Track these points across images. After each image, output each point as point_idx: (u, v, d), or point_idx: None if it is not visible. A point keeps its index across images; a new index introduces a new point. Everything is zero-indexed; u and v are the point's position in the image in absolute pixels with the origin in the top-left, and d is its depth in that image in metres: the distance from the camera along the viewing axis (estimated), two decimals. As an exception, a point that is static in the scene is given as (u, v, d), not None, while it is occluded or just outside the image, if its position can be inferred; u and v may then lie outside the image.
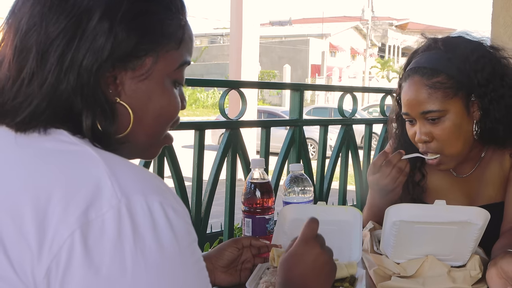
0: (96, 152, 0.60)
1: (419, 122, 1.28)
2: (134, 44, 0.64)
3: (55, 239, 0.52)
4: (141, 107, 0.67)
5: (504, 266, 1.00)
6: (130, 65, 0.64)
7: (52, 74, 0.61)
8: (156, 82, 0.67)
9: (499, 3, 2.70)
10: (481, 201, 1.35)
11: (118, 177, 0.57)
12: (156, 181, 0.60)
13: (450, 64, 1.24)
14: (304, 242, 0.85)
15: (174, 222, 0.57)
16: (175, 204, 0.59)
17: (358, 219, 1.24)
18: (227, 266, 1.11)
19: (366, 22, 36.82)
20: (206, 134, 2.17)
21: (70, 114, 0.62)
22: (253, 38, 7.98)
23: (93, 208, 0.54)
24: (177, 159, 2.08)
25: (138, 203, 0.55)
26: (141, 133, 0.69)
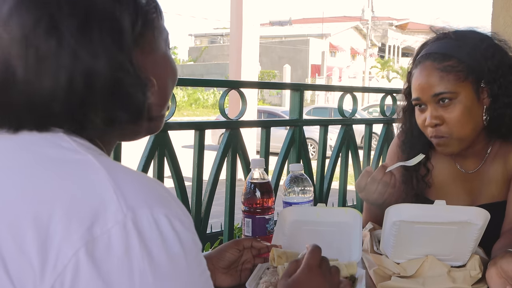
0: (99, 161, 0.58)
1: (430, 106, 1.29)
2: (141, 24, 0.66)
3: (59, 258, 0.51)
4: (153, 76, 0.69)
5: (504, 265, 1.00)
6: (140, 44, 0.66)
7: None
8: (159, 52, 0.71)
9: (499, 3, 2.70)
10: (483, 200, 1.35)
11: (122, 190, 0.55)
12: (161, 190, 0.59)
13: (461, 50, 1.27)
14: (308, 269, 0.84)
15: (181, 234, 0.56)
16: (181, 214, 0.58)
17: (358, 221, 1.24)
18: (227, 267, 1.11)
19: (366, 22, 36.82)
20: (206, 134, 2.17)
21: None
22: (253, 38, 7.98)
23: (98, 224, 0.52)
24: (177, 159, 2.08)
25: (144, 217, 0.54)
26: (154, 102, 0.70)
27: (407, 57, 42.17)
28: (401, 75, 32.47)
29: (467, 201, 1.37)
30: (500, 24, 2.64)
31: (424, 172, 1.42)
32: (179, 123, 2.27)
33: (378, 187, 1.29)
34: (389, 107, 2.96)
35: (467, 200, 1.38)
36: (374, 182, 1.29)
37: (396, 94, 3.00)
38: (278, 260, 1.07)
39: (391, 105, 3.00)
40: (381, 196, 1.30)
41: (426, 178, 1.41)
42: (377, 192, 1.30)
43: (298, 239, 1.24)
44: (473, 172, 1.38)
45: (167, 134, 2.02)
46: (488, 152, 1.36)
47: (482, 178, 1.37)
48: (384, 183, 1.29)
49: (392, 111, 2.99)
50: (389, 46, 41.86)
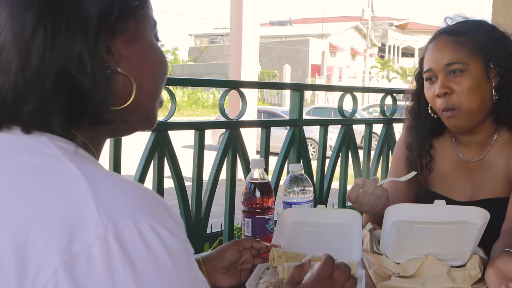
0: (80, 170, 0.54)
1: (441, 76, 1.32)
2: (118, 9, 0.62)
3: (38, 279, 0.48)
4: (140, 70, 0.65)
5: (500, 265, 1.00)
6: (119, 31, 0.62)
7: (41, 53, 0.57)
8: (145, 41, 0.66)
9: (499, 3, 2.70)
10: (484, 194, 1.37)
11: (103, 200, 0.52)
12: (147, 197, 0.55)
13: (475, 30, 1.34)
14: (319, 280, 0.82)
15: (168, 243, 0.52)
16: (169, 221, 0.54)
17: (358, 222, 1.24)
18: (227, 268, 1.11)
19: (366, 22, 36.82)
20: (206, 134, 2.17)
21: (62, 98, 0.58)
22: (253, 38, 7.98)
23: (77, 239, 0.49)
24: (177, 159, 2.07)
25: (127, 229, 0.50)
26: (142, 98, 0.66)
27: (407, 57, 42.23)
28: (401, 75, 32.48)
29: (469, 194, 1.39)
30: (500, 24, 2.63)
31: (427, 159, 1.45)
32: (179, 123, 2.27)
33: (370, 200, 1.29)
34: (389, 107, 2.95)
35: (468, 192, 1.39)
36: (365, 194, 1.29)
37: (396, 94, 3.00)
38: (278, 260, 1.07)
39: (391, 105, 3.00)
40: (373, 208, 1.30)
41: (430, 164, 1.44)
42: (369, 205, 1.30)
43: (298, 240, 1.24)
44: (476, 161, 1.39)
45: (167, 134, 2.02)
46: (493, 141, 1.37)
47: (484, 170, 1.38)
48: (376, 196, 1.29)
49: (392, 111, 2.99)
50: (389, 46, 41.87)
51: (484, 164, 1.38)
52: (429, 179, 1.46)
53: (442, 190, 1.43)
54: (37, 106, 0.57)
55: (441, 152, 1.45)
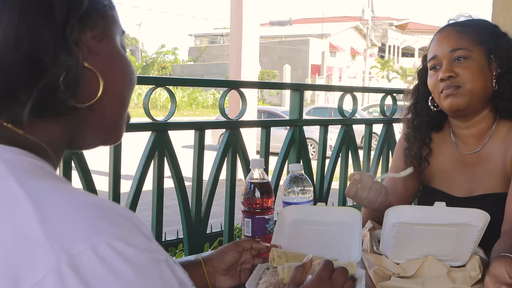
0: (25, 190, 0.49)
1: (445, 62, 1.37)
2: (87, 3, 0.60)
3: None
4: (107, 70, 0.63)
5: (493, 271, 1.01)
6: (87, 26, 0.60)
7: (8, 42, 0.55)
8: (113, 43, 0.64)
9: (499, 3, 2.70)
10: (482, 190, 1.38)
11: (53, 225, 0.46)
12: (102, 212, 0.50)
13: (478, 24, 1.40)
14: (320, 281, 0.83)
15: (133, 259, 0.48)
16: (130, 235, 0.50)
17: (358, 220, 1.24)
18: (227, 269, 1.11)
19: (366, 22, 36.82)
20: (206, 134, 2.17)
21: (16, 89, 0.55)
22: (253, 38, 7.98)
23: (26, 275, 0.43)
24: (177, 159, 2.07)
25: (84, 254, 0.45)
26: (108, 102, 0.63)
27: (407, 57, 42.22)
28: (401, 75, 32.48)
29: (467, 189, 1.40)
30: (500, 24, 2.64)
31: (426, 152, 1.47)
32: (179, 123, 2.27)
33: (369, 195, 1.31)
34: (389, 107, 2.95)
35: (467, 188, 1.40)
36: (364, 189, 1.31)
37: (396, 94, 3.00)
38: (278, 260, 1.07)
39: (391, 105, 3.00)
40: (372, 203, 1.32)
41: (428, 157, 1.47)
42: (368, 199, 1.31)
43: (298, 238, 1.24)
44: (474, 154, 1.41)
45: (167, 134, 2.02)
46: (491, 134, 1.39)
47: (482, 164, 1.39)
48: (375, 190, 1.31)
49: (392, 111, 2.99)
50: (389, 46, 41.87)
51: (482, 157, 1.39)
52: (428, 174, 1.48)
53: (441, 186, 1.44)
54: (2, 82, 0.55)
55: (440, 147, 1.47)
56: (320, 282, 0.83)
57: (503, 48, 1.36)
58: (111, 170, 1.88)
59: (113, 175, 1.88)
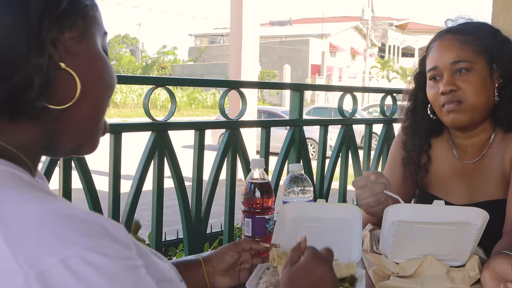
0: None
1: (446, 74, 1.32)
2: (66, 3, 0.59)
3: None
4: (85, 73, 0.61)
5: (495, 267, 1.01)
6: (66, 26, 0.59)
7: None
8: (93, 44, 0.63)
9: (499, 3, 2.70)
10: (482, 197, 1.36)
11: (19, 239, 0.44)
12: (71, 221, 0.48)
13: (479, 30, 1.34)
14: (314, 258, 0.84)
15: (105, 268, 0.46)
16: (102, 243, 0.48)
17: (358, 217, 1.24)
18: (226, 270, 1.11)
19: (366, 22, 36.81)
20: (206, 134, 2.17)
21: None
22: (253, 38, 7.98)
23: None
24: (177, 159, 2.08)
25: (54, 269, 0.44)
26: (86, 104, 0.61)
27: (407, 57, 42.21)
28: (401, 75, 32.47)
29: (467, 197, 1.39)
30: (500, 24, 2.65)
31: (425, 159, 1.44)
32: (179, 123, 2.27)
33: (369, 199, 1.26)
34: (389, 107, 2.95)
35: (466, 196, 1.39)
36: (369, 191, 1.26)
37: (396, 94, 3.00)
38: (278, 260, 1.07)
39: (391, 105, 3.00)
40: (368, 207, 1.28)
41: (427, 166, 1.44)
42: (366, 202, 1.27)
43: (298, 236, 1.24)
44: (473, 163, 1.39)
45: (167, 134, 2.02)
46: (489, 144, 1.37)
47: (481, 172, 1.38)
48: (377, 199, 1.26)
49: (392, 111, 2.99)
50: (389, 46, 41.86)
51: (481, 166, 1.38)
52: (426, 181, 1.46)
53: (440, 193, 1.42)
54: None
55: (439, 153, 1.44)
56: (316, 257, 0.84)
57: (506, 57, 1.32)
58: (111, 170, 1.88)
59: (113, 175, 1.88)
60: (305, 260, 0.84)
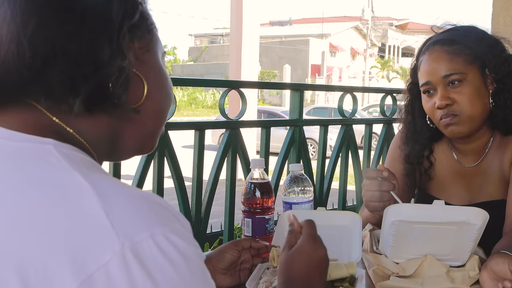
0: (88, 182, 0.52)
1: (440, 88, 1.31)
2: (138, 16, 0.64)
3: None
4: (150, 79, 0.67)
5: (493, 267, 1.01)
6: (136, 36, 0.64)
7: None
8: (156, 57, 0.69)
9: (499, 3, 2.70)
10: (482, 198, 1.37)
11: (117, 214, 0.50)
12: (156, 206, 0.54)
13: (467, 38, 1.32)
14: (312, 240, 0.87)
15: (185, 251, 0.51)
16: (182, 230, 0.54)
17: (358, 224, 1.24)
18: (227, 268, 1.11)
19: (366, 22, 36.82)
20: (206, 134, 2.17)
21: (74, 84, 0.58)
22: (253, 38, 7.98)
23: (92, 258, 0.46)
24: (177, 159, 2.08)
25: (145, 243, 0.49)
26: (150, 108, 0.67)
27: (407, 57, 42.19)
28: (401, 75, 32.48)
29: (467, 198, 1.39)
30: (500, 24, 2.65)
31: (427, 165, 1.44)
32: (179, 123, 2.27)
33: (374, 193, 1.25)
34: (389, 107, 2.96)
35: (466, 197, 1.40)
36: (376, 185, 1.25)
37: (396, 94, 3.00)
38: (278, 260, 1.07)
39: (391, 105, 3.00)
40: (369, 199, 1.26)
41: (429, 171, 1.44)
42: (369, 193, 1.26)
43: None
44: (473, 167, 1.39)
45: (167, 134, 2.02)
46: (489, 147, 1.38)
47: (480, 175, 1.38)
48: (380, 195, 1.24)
49: (392, 111, 2.99)
50: (389, 46, 41.86)
51: (480, 169, 1.38)
52: (427, 183, 1.46)
53: (439, 194, 1.43)
54: (66, 68, 0.57)
55: (439, 157, 1.44)
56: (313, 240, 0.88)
57: (497, 60, 1.30)
58: (111, 170, 1.89)
59: (113, 175, 1.88)
60: (302, 243, 0.87)
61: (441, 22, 1.40)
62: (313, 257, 0.86)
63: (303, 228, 0.90)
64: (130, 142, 0.68)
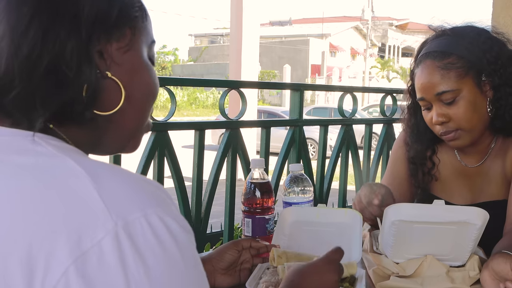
0: (80, 165, 0.53)
1: (435, 104, 1.30)
2: (116, 15, 0.62)
3: (46, 281, 0.46)
4: (129, 81, 0.64)
5: (495, 267, 1.01)
6: (113, 37, 0.62)
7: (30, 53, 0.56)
8: (138, 55, 0.66)
9: (499, 3, 2.70)
10: (483, 198, 1.37)
11: (109, 195, 0.50)
12: (151, 188, 0.54)
13: (459, 46, 1.28)
14: (328, 261, 0.90)
15: (177, 234, 0.52)
16: (176, 213, 0.54)
17: (358, 221, 1.24)
18: (227, 268, 1.11)
19: (366, 22, 36.81)
20: (206, 134, 2.17)
21: (46, 97, 0.57)
22: (253, 38, 7.98)
23: (87, 236, 0.47)
24: (177, 159, 2.08)
25: (137, 222, 0.50)
26: (129, 111, 0.65)
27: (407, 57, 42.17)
28: (401, 75, 32.48)
29: (469, 198, 1.40)
30: (500, 24, 2.64)
31: (430, 165, 1.44)
32: (179, 123, 2.27)
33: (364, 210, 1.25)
34: (389, 107, 2.96)
35: (468, 197, 1.40)
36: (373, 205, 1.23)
37: (396, 94, 3.00)
38: (278, 260, 1.07)
39: (391, 105, 3.01)
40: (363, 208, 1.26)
41: (432, 172, 1.44)
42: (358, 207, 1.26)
43: (298, 239, 1.24)
44: (475, 167, 1.40)
45: (167, 134, 2.02)
46: (491, 149, 1.38)
47: (483, 175, 1.39)
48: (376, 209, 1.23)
49: (392, 111, 2.99)
50: (389, 46, 41.86)
51: (483, 169, 1.39)
52: (429, 184, 1.46)
53: (441, 194, 1.43)
54: (21, 92, 0.56)
55: (442, 158, 1.44)
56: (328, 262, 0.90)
57: (493, 65, 1.27)
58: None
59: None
60: (321, 260, 0.90)
61: (437, 23, 1.38)
62: (324, 278, 0.88)
63: (328, 252, 0.93)
64: (109, 143, 0.67)
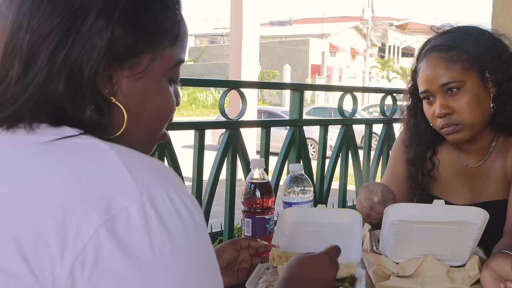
0: (107, 145, 0.58)
1: (439, 96, 1.30)
2: (131, 42, 0.62)
3: (79, 239, 0.51)
4: (137, 106, 0.65)
5: (495, 267, 1.01)
6: (127, 64, 0.62)
7: (41, 73, 0.59)
8: (153, 80, 0.65)
9: (499, 3, 2.70)
10: (483, 198, 1.37)
11: (136, 171, 0.55)
12: (171, 173, 0.59)
13: (464, 41, 1.30)
14: (328, 257, 0.92)
15: (194, 213, 0.56)
16: (191, 195, 0.58)
17: (358, 222, 1.24)
18: (225, 268, 1.11)
19: (366, 22, 36.81)
20: (206, 134, 2.17)
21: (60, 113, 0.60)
22: (253, 38, 7.98)
23: (116, 202, 0.52)
24: (177, 159, 2.08)
25: (159, 196, 0.54)
26: (137, 132, 0.67)
27: (407, 57, 42.21)
28: (401, 75, 32.48)
29: (469, 198, 1.40)
30: (500, 24, 2.64)
31: (430, 166, 1.44)
32: (179, 123, 2.27)
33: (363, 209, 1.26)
34: (389, 107, 2.96)
35: (469, 197, 1.40)
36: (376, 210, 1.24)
37: (396, 94, 3.00)
38: (278, 260, 1.07)
39: (391, 105, 3.01)
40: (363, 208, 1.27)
41: (431, 173, 1.43)
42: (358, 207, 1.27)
43: (298, 239, 1.24)
44: (476, 167, 1.40)
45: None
46: (492, 148, 1.37)
47: (483, 175, 1.39)
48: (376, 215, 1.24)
49: (392, 111, 2.99)
50: (389, 46, 41.85)
51: (484, 169, 1.39)
52: (430, 184, 1.46)
53: (442, 194, 1.42)
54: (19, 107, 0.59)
55: (442, 158, 1.44)
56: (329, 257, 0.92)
57: (497, 61, 1.29)
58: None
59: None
60: (320, 255, 0.91)
61: (440, 23, 1.39)
62: (322, 272, 0.90)
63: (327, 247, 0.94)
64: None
